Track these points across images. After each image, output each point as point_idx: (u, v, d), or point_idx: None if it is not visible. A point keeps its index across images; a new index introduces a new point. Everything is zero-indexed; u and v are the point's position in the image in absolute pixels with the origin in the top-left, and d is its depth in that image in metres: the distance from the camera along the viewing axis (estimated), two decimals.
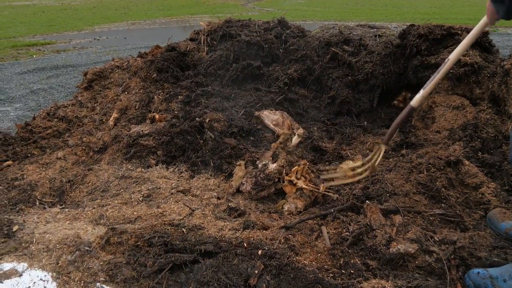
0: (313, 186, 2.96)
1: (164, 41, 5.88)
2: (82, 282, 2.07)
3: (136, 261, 2.17)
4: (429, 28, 4.21)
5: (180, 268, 2.11)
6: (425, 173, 2.73)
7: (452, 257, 2.08)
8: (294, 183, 2.98)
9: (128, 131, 4.00)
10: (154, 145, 3.72)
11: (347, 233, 2.34)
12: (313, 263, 2.17)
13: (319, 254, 2.25)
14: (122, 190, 3.18)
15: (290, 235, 2.40)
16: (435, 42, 4.16)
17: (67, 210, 2.95)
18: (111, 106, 4.61)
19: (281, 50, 5.11)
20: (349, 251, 2.22)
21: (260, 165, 3.16)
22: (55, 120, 4.40)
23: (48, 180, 3.37)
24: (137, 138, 3.81)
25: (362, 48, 4.74)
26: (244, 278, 1.99)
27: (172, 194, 3.08)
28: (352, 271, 2.08)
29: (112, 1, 32.57)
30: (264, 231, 2.51)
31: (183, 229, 2.46)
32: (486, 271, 2.08)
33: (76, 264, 2.17)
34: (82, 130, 4.28)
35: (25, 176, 3.43)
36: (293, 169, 3.05)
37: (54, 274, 2.12)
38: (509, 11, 1.94)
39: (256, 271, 2.01)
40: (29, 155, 3.88)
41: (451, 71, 3.68)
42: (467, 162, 2.80)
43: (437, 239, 2.20)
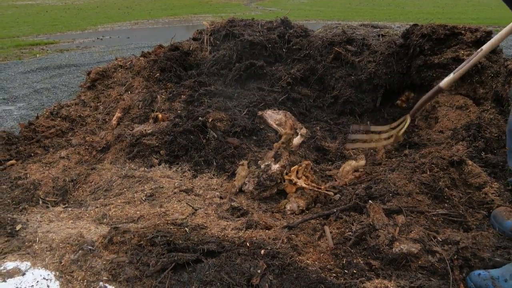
0: (314, 185, 2.96)
1: (167, 41, 5.88)
2: (85, 281, 2.07)
3: (139, 260, 2.17)
4: (432, 28, 4.20)
5: (182, 268, 2.11)
6: (428, 173, 2.72)
7: (455, 257, 2.08)
8: (294, 182, 2.98)
9: (131, 131, 4.00)
10: (157, 144, 3.72)
11: (350, 233, 2.34)
12: (316, 262, 2.17)
13: (321, 254, 2.25)
14: (125, 190, 3.18)
15: (292, 235, 2.40)
16: (439, 42, 4.15)
17: (70, 209, 2.96)
18: (114, 105, 4.61)
19: (284, 50, 5.10)
20: (352, 251, 2.22)
21: (262, 166, 3.16)
22: (58, 119, 4.40)
23: (51, 179, 3.37)
24: (140, 138, 3.81)
25: (365, 47, 4.74)
26: (247, 278, 1.99)
27: (175, 193, 3.08)
28: (354, 271, 2.08)
29: (115, 1, 32.61)
30: (266, 230, 2.51)
31: (185, 228, 2.46)
32: (488, 272, 2.09)
33: (79, 263, 2.18)
34: (85, 129, 4.29)
35: (28, 175, 3.44)
36: (293, 169, 3.05)
37: (57, 273, 2.12)
38: None
39: (259, 271, 2.01)
40: (32, 154, 3.89)
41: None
42: (470, 162, 2.80)
43: (440, 239, 2.20)
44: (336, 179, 3.24)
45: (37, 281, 2.07)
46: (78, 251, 2.25)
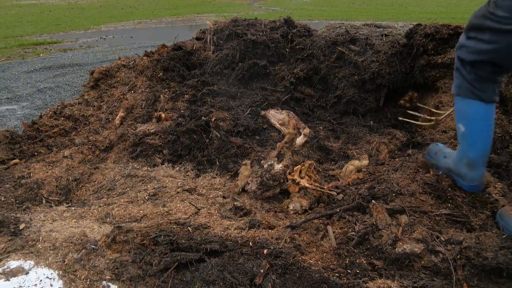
0: (317, 185, 2.95)
1: (170, 40, 5.88)
2: (88, 280, 2.07)
3: (142, 259, 2.17)
4: (436, 28, 4.19)
5: (185, 267, 2.11)
6: (431, 172, 2.72)
7: (458, 257, 2.08)
8: (297, 182, 2.98)
9: (134, 130, 4.01)
10: (160, 144, 3.72)
11: (353, 232, 2.33)
12: (319, 262, 2.17)
13: (324, 254, 2.24)
14: (128, 189, 3.19)
15: (295, 235, 2.40)
16: (442, 41, 4.14)
17: (73, 208, 2.96)
18: (117, 105, 4.62)
19: (287, 49, 5.10)
20: (355, 250, 2.22)
21: (265, 165, 3.16)
22: (62, 118, 4.41)
23: (55, 179, 3.38)
24: (143, 137, 3.82)
25: (368, 47, 4.73)
26: (250, 277, 1.99)
27: (178, 193, 3.09)
28: (357, 271, 2.08)
29: (119, 0, 32.66)
30: (269, 230, 2.51)
31: (188, 228, 2.46)
32: (443, 146, 2.76)
33: (82, 262, 2.18)
34: (89, 128, 4.30)
35: (31, 175, 3.45)
36: (296, 168, 3.05)
37: (60, 272, 2.13)
38: None
39: (262, 270, 2.01)
40: (35, 153, 3.90)
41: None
42: None
43: (443, 239, 2.19)
44: (339, 179, 3.24)
45: (41, 280, 2.08)
46: (81, 250, 2.25)
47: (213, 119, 3.76)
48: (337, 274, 2.07)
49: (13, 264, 2.18)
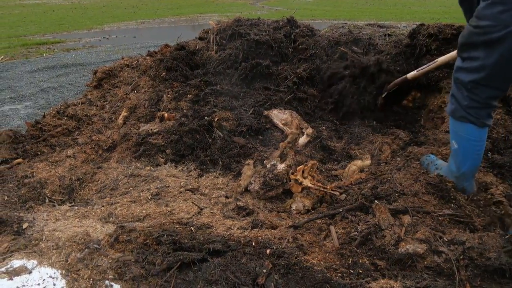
0: (319, 185, 2.95)
1: (173, 40, 5.89)
2: (91, 279, 2.08)
3: (144, 259, 2.17)
4: (439, 28, 4.18)
5: (188, 267, 2.12)
6: (434, 173, 2.72)
7: (461, 257, 2.07)
8: (300, 182, 2.98)
9: (137, 130, 4.01)
10: (163, 143, 3.73)
11: (356, 232, 2.33)
12: (322, 262, 2.17)
13: (327, 254, 2.24)
14: (131, 189, 3.19)
15: (298, 235, 2.40)
16: (445, 41, 4.13)
17: (76, 208, 2.97)
18: (120, 104, 4.62)
19: (290, 49, 5.10)
20: (358, 251, 2.22)
21: (268, 165, 3.16)
22: (65, 118, 4.42)
23: (58, 178, 3.39)
24: (146, 137, 3.82)
25: (371, 47, 4.73)
26: (253, 277, 1.99)
27: (180, 192, 3.09)
28: (360, 271, 2.08)
29: (122, 0, 32.69)
30: (272, 230, 2.51)
31: (191, 227, 2.46)
32: (435, 158, 2.87)
33: (85, 261, 2.19)
34: (92, 128, 4.30)
35: (35, 174, 3.45)
36: (299, 168, 3.05)
37: (63, 271, 2.13)
38: None
39: (265, 270, 2.01)
40: (39, 153, 3.90)
41: None
42: None
43: (446, 240, 2.19)
44: (342, 179, 3.24)
45: (44, 279, 2.08)
46: (84, 250, 2.26)
47: (216, 119, 3.76)
48: (339, 274, 2.07)
49: (16, 263, 2.19)
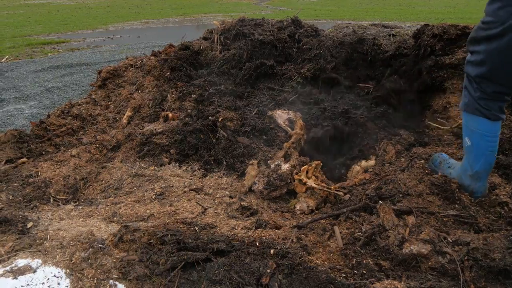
0: (324, 185, 2.95)
1: (178, 40, 5.90)
2: (95, 279, 2.08)
3: (148, 258, 2.18)
4: (443, 28, 4.18)
5: (192, 267, 2.12)
6: (436, 170, 2.71)
7: (465, 258, 2.07)
8: (304, 182, 2.98)
9: (142, 130, 4.02)
10: (167, 143, 3.73)
11: (360, 233, 2.33)
12: (325, 263, 2.17)
13: (331, 254, 2.24)
14: (135, 188, 3.19)
15: (302, 235, 2.40)
16: (450, 42, 4.13)
17: (80, 207, 2.97)
18: (124, 104, 4.63)
19: (294, 50, 5.10)
20: (362, 251, 2.22)
21: (272, 165, 3.15)
22: (69, 118, 4.43)
23: (62, 178, 3.39)
24: (150, 137, 3.82)
25: (375, 47, 4.72)
26: (256, 277, 1.99)
27: (184, 192, 3.09)
28: (364, 272, 2.07)
29: (126, 0, 32.74)
30: (276, 230, 2.51)
31: (195, 227, 2.46)
32: (448, 157, 2.80)
33: (89, 261, 2.19)
34: (96, 128, 4.31)
35: (39, 173, 3.46)
36: (303, 168, 3.05)
37: (68, 270, 2.14)
38: None
39: (268, 270, 2.01)
40: (43, 152, 3.91)
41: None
42: None
43: (451, 240, 2.18)
44: (346, 179, 3.23)
45: (48, 279, 2.09)
46: (88, 249, 2.26)
47: (220, 119, 3.76)
48: (343, 275, 2.07)
49: (20, 262, 2.20)
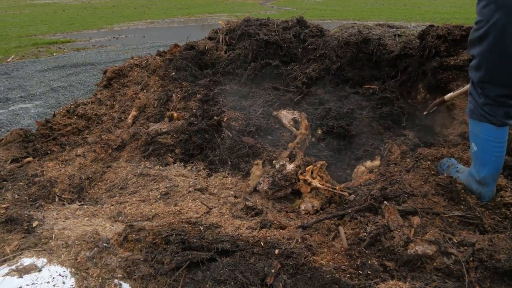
0: (328, 185, 2.95)
1: (183, 40, 5.91)
2: (100, 278, 2.08)
3: (153, 258, 2.18)
4: (448, 29, 4.16)
5: (197, 266, 2.12)
6: (444, 174, 2.70)
7: (471, 259, 2.06)
8: (309, 182, 2.97)
9: (147, 129, 4.03)
10: (172, 143, 3.73)
11: (365, 233, 2.33)
12: (330, 263, 2.16)
13: (336, 254, 2.24)
14: (140, 188, 3.20)
15: (307, 235, 2.40)
16: (454, 43, 4.11)
17: (86, 206, 2.98)
18: (129, 104, 4.64)
19: (299, 50, 5.10)
20: (367, 251, 2.21)
21: (277, 166, 3.15)
22: (75, 117, 4.44)
23: (68, 177, 3.41)
24: (155, 136, 3.83)
25: (381, 48, 4.71)
26: (261, 277, 1.99)
27: (189, 192, 3.09)
28: (369, 272, 2.07)
29: (131, 0, 32.80)
30: (281, 230, 2.51)
31: (200, 227, 2.46)
32: (456, 162, 2.80)
33: (94, 260, 2.19)
34: (101, 127, 4.32)
35: (45, 173, 3.47)
36: (307, 168, 3.05)
37: (73, 270, 2.14)
38: None
39: (273, 270, 2.01)
40: (49, 152, 3.93)
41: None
42: None
43: (456, 241, 2.18)
44: (351, 180, 3.23)
45: (53, 278, 2.09)
46: (93, 248, 2.26)
47: (225, 119, 3.76)
48: (348, 275, 2.06)
49: (26, 261, 2.20)
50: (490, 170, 2.46)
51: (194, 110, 4.20)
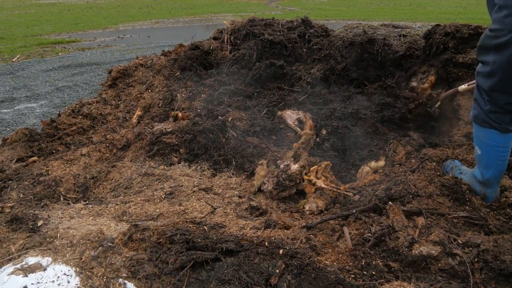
0: (333, 186, 2.94)
1: (188, 40, 5.91)
2: (105, 277, 2.09)
3: (158, 258, 2.18)
4: (456, 27, 4.15)
5: (201, 266, 2.12)
6: (449, 174, 2.70)
7: (475, 260, 2.06)
8: (313, 182, 2.97)
9: (151, 129, 4.03)
10: (176, 143, 3.74)
11: (369, 234, 2.32)
12: (335, 263, 2.16)
13: (340, 255, 2.24)
14: (144, 187, 3.20)
15: (311, 235, 2.40)
16: (462, 41, 4.09)
17: (90, 206, 2.99)
18: (134, 103, 4.65)
19: (304, 50, 5.09)
20: (371, 252, 2.21)
21: (282, 166, 3.15)
22: (80, 117, 4.46)
23: (73, 176, 3.41)
24: (160, 136, 3.83)
25: (386, 48, 4.70)
26: (265, 277, 1.99)
27: (194, 192, 3.10)
28: (373, 273, 2.07)
29: (136, 0, 32.86)
30: (285, 230, 2.51)
31: (204, 227, 2.47)
32: (459, 163, 2.80)
33: (99, 259, 2.20)
34: (106, 127, 4.33)
35: (50, 172, 3.48)
36: (312, 169, 3.04)
37: (78, 269, 2.15)
38: None
39: (277, 270, 2.01)
40: (54, 151, 3.94)
41: None
42: None
43: (461, 242, 2.17)
44: (355, 180, 3.23)
45: (58, 277, 2.10)
46: (98, 248, 2.27)
47: (229, 119, 3.77)
48: (352, 275, 2.06)
49: (31, 260, 2.21)
50: (494, 172, 2.45)
51: (198, 110, 4.20)
